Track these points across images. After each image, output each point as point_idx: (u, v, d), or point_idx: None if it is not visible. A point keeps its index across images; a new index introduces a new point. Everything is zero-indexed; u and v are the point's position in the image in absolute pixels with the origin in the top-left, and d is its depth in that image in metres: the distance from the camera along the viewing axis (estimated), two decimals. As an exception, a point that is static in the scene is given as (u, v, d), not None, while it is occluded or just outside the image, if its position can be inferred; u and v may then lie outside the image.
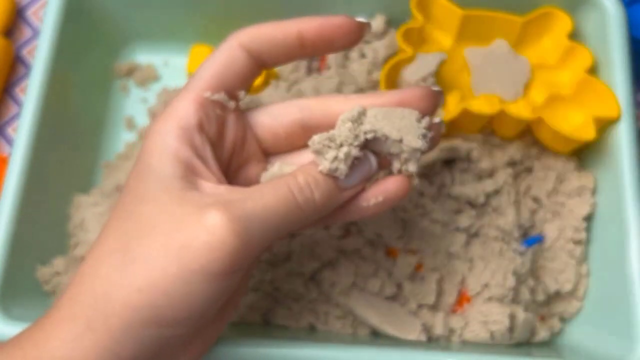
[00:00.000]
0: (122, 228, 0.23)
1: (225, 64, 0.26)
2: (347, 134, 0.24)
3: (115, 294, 0.22)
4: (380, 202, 0.26)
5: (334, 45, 0.26)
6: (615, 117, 0.34)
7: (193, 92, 0.25)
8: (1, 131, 0.42)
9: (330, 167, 0.24)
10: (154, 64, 0.42)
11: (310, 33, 0.26)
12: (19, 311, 0.31)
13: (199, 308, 0.22)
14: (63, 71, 0.36)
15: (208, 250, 0.22)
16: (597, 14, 0.36)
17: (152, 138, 0.24)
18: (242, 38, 0.26)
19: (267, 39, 0.26)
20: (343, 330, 0.33)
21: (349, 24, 0.26)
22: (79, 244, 0.36)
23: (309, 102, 0.27)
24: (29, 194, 0.33)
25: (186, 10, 0.40)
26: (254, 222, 0.23)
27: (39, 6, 0.44)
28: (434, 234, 0.34)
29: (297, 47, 0.26)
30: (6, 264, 0.32)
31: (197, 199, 0.23)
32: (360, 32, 0.26)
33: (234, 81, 0.26)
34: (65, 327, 0.22)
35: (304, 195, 0.24)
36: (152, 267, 0.22)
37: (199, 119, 0.25)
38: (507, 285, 0.33)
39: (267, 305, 0.34)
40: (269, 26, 0.26)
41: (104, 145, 0.40)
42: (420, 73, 0.34)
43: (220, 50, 0.26)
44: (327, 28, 0.26)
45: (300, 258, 0.33)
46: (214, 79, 0.25)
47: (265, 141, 0.27)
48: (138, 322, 0.22)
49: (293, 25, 0.26)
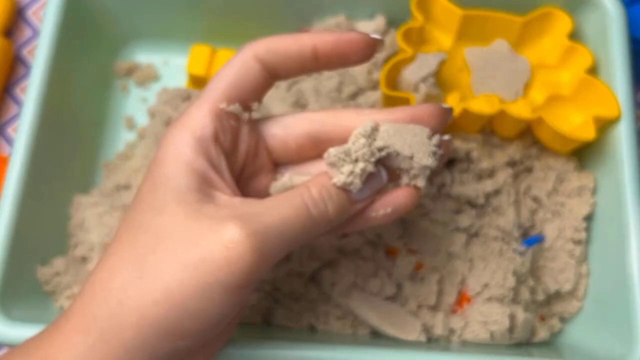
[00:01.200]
0: (136, 239, 0.23)
1: (240, 75, 0.26)
2: (364, 150, 0.24)
3: (130, 306, 0.22)
4: (388, 213, 0.26)
5: (348, 60, 0.26)
6: (615, 117, 0.34)
7: (208, 102, 0.25)
8: (1, 131, 0.42)
9: (345, 180, 0.24)
10: (154, 64, 0.42)
11: (325, 47, 0.26)
12: (19, 312, 0.31)
13: (213, 321, 0.23)
14: (63, 71, 0.36)
15: (226, 265, 0.22)
16: (597, 14, 0.36)
17: (166, 148, 0.24)
18: (257, 49, 0.26)
19: (282, 51, 0.26)
20: (343, 330, 0.33)
21: (364, 40, 0.26)
22: (79, 244, 0.36)
23: (321, 115, 0.27)
24: (29, 194, 0.33)
25: (186, 10, 0.40)
26: (270, 237, 0.23)
27: (39, 6, 0.44)
28: (434, 234, 0.34)
29: (311, 60, 0.26)
30: (6, 265, 0.32)
31: (213, 212, 0.23)
32: (374, 48, 0.26)
33: (248, 92, 0.26)
34: (77, 338, 0.22)
35: (319, 209, 0.24)
36: (169, 279, 0.22)
37: (214, 130, 0.25)
38: (507, 285, 0.33)
39: (267, 305, 0.34)
40: (285, 38, 0.26)
41: (104, 144, 0.40)
42: (420, 73, 0.34)
43: (235, 60, 0.26)
44: (342, 43, 0.26)
45: (300, 258, 0.33)
46: (229, 90, 0.25)
47: (276, 152, 0.27)
48: (153, 334, 0.22)
49: (308, 39, 0.26)
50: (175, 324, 0.22)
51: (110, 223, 0.36)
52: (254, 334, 0.32)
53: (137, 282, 0.22)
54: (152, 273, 0.22)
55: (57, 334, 0.23)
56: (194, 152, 0.24)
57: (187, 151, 0.24)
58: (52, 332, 0.23)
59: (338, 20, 0.39)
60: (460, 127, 0.36)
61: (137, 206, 0.24)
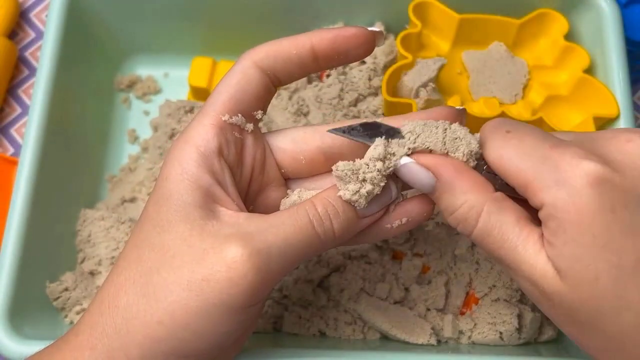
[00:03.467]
0: (141, 258, 0.23)
1: (241, 85, 0.25)
2: (373, 174, 0.24)
3: (135, 325, 0.22)
4: (404, 224, 0.26)
5: (348, 56, 0.26)
6: (614, 115, 0.34)
7: (211, 116, 0.25)
8: (5, 132, 0.42)
9: (351, 198, 0.24)
10: (154, 76, 0.42)
11: (323, 46, 0.25)
12: (30, 329, 0.31)
13: (218, 340, 0.23)
14: (66, 86, 0.36)
15: (229, 285, 0.22)
16: (594, 14, 0.36)
17: (171, 164, 0.24)
18: (255, 57, 0.25)
19: (281, 56, 0.25)
20: (353, 336, 0.34)
21: (363, 35, 0.25)
22: (86, 259, 0.36)
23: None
24: (36, 212, 0.33)
25: (186, 23, 0.40)
26: (273, 255, 0.23)
27: (42, 8, 0.45)
28: (439, 237, 0.34)
29: (311, 61, 0.25)
30: (16, 282, 0.32)
31: (216, 230, 0.23)
32: (373, 41, 0.26)
33: (250, 102, 0.25)
34: (85, 353, 0.22)
35: (324, 227, 0.24)
36: (173, 300, 0.22)
37: (218, 143, 0.24)
38: (514, 285, 0.33)
39: (277, 313, 0.34)
40: (282, 42, 0.25)
41: (107, 158, 0.40)
42: (421, 79, 0.35)
43: (234, 71, 0.25)
44: (340, 40, 0.25)
45: (308, 265, 0.34)
46: (231, 101, 0.25)
47: (285, 166, 0.27)
48: (160, 354, 0.22)
49: (306, 40, 0.25)
50: (180, 344, 0.22)
51: (117, 237, 0.36)
52: (264, 342, 0.33)
53: (142, 301, 0.22)
54: (157, 293, 0.22)
55: (65, 348, 0.23)
56: (198, 168, 0.24)
57: (191, 167, 0.24)
58: (60, 346, 0.23)
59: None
60: None
61: (143, 223, 0.24)
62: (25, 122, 0.36)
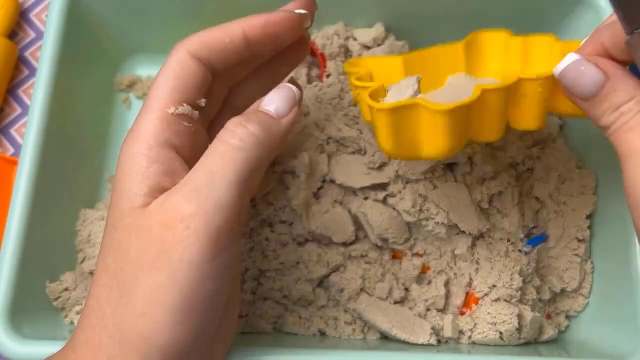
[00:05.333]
0: (107, 263, 0.24)
1: (179, 76, 0.26)
2: None
3: (125, 328, 0.23)
4: None
5: (279, 40, 0.27)
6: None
7: (155, 110, 0.25)
8: (5, 132, 0.42)
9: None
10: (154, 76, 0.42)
11: (254, 32, 0.26)
12: (30, 329, 0.31)
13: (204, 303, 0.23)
14: (66, 87, 0.36)
15: (186, 244, 0.22)
16: (592, 14, 0.36)
17: (122, 162, 0.25)
18: (190, 47, 0.26)
19: (215, 44, 0.26)
20: (353, 335, 0.34)
21: (290, 19, 0.26)
22: (86, 259, 0.36)
23: None
24: (37, 212, 0.33)
25: (185, 23, 0.40)
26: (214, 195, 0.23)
27: (42, 8, 0.45)
28: (439, 237, 0.34)
29: (244, 47, 0.26)
30: (16, 282, 0.32)
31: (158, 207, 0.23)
32: (301, 24, 0.27)
33: (192, 91, 0.26)
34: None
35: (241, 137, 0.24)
36: (145, 288, 0.22)
37: (165, 136, 0.25)
38: (514, 285, 0.33)
39: (277, 313, 0.34)
40: (214, 31, 0.26)
41: (108, 158, 0.40)
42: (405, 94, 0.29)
43: (170, 63, 0.26)
44: (270, 25, 0.26)
45: (308, 265, 0.34)
46: (173, 92, 0.25)
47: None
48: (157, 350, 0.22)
49: (237, 27, 0.26)
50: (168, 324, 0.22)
51: (117, 237, 0.36)
52: (265, 342, 0.33)
53: (121, 301, 0.23)
54: (129, 289, 0.23)
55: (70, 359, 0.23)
56: (147, 161, 0.24)
57: (140, 161, 0.24)
58: (66, 356, 0.24)
59: (336, 28, 0.39)
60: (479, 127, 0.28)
61: (104, 230, 0.25)
62: (25, 122, 0.36)
